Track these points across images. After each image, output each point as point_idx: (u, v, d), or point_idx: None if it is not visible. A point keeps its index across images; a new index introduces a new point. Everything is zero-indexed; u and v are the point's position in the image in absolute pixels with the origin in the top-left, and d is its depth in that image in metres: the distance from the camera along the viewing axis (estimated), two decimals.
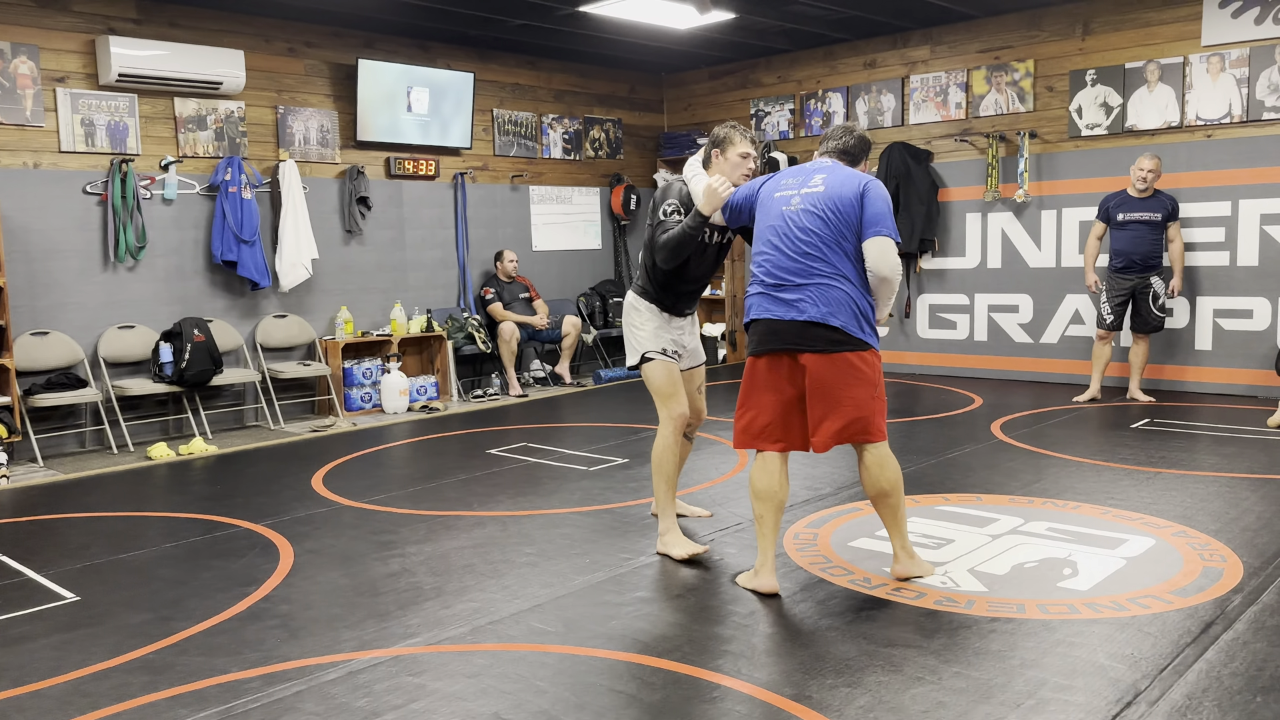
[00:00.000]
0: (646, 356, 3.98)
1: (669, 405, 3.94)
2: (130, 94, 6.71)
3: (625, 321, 4.08)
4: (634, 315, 4.04)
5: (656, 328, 4.00)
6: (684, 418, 3.96)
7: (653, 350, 3.98)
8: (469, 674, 2.91)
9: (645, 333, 4.00)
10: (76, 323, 6.52)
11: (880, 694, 2.71)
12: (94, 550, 4.23)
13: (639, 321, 4.02)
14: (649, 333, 3.99)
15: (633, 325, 4.03)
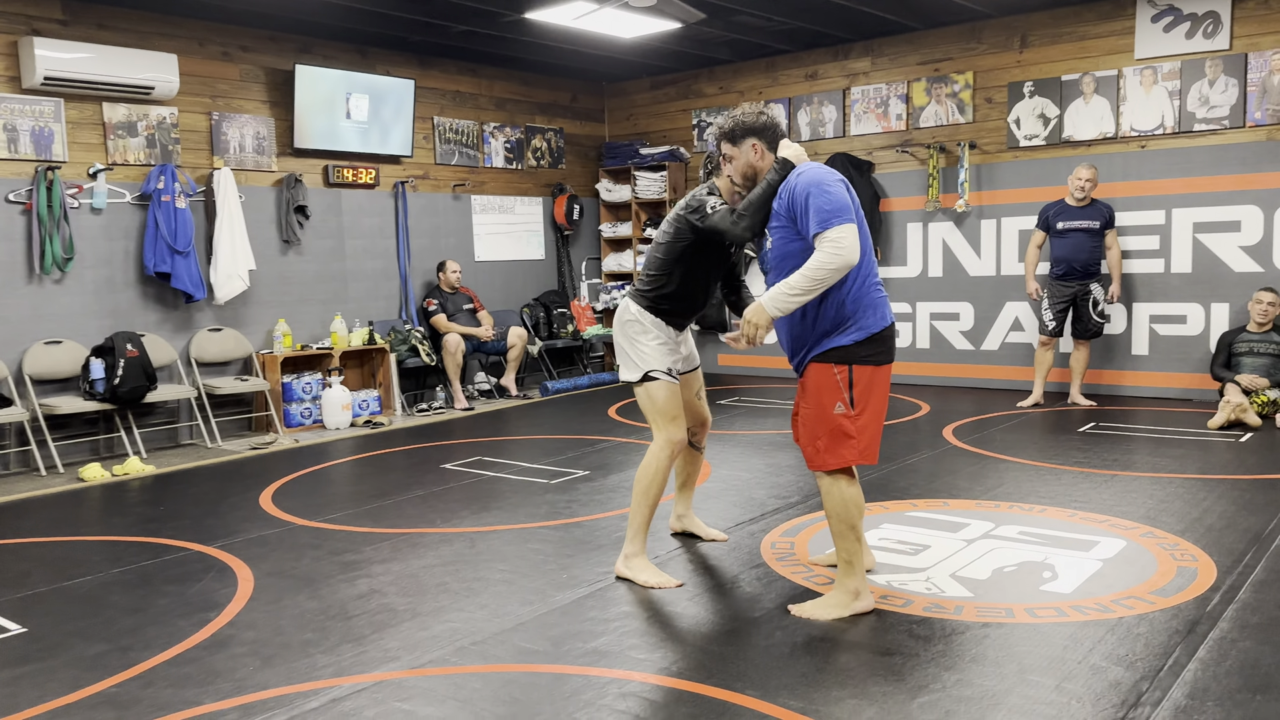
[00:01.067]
0: (650, 376, 3.73)
1: (669, 429, 3.72)
2: (56, 98, 6.39)
3: (623, 333, 3.80)
4: (635, 328, 3.77)
5: (662, 344, 3.76)
6: (683, 443, 3.79)
7: (658, 369, 3.73)
8: (460, 698, 2.78)
9: (649, 349, 3.75)
10: (0, 338, 6.17)
11: (887, 705, 2.67)
12: (35, 578, 3.97)
13: (642, 336, 3.76)
14: (653, 350, 3.75)
15: (634, 338, 3.77)
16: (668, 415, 3.73)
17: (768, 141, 3.34)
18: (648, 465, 3.72)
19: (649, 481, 3.71)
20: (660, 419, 3.73)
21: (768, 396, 8.15)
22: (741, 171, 3.39)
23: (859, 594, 3.29)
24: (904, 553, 3.95)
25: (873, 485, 5.03)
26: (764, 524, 4.42)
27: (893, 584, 3.59)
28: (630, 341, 3.78)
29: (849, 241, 3.04)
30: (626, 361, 3.81)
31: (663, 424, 3.72)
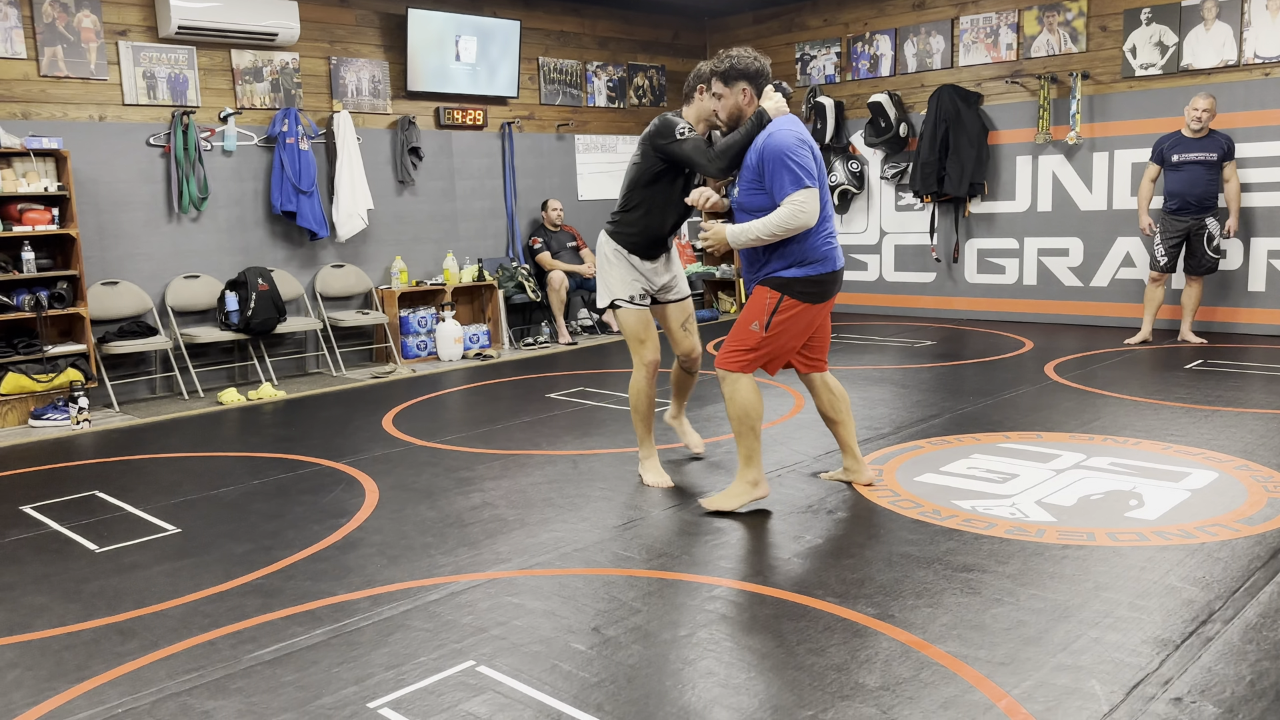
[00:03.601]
0: (615, 303, 4.07)
1: (640, 351, 4.07)
2: (189, 46, 6.81)
3: (598, 263, 4.14)
4: (603, 258, 4.09)
5: (625, 272, 4.04)
6: (655, 364, 4.09)
7: (621, 297, 4.05)
8: (564, 595, 3.06)
9: (615, 277, 4.05)
10: (145, 272, 6.70)
11: (961, 614, 2.83)
12: (186, 487, 4.42)
13: (608, 266, 4.07)
14: (618, 278, 4.05)
15: (603, 269, 4.09)
16: (636, 338, 4.07)
17: (757, 88, 3.61)
18: (631, 386, 4.17)
19: (633, 400, 4.18)
20: (630, 341, 4.10)
21: (865, 333, 8.20)
22: (729, 111, 3.62)
23: (757, 483, 3.74)
24: (992, 481, 4.05)
25: (967, 418, 5.11)
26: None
27: (977, 509, 3.71)
28: (601, 271, 4.11)
29: (810, 206, 3.44)
30: (600, 289, 4.14)
31: (634, 346, 4.09)
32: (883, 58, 9.05)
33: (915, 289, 9.14)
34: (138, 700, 2.50)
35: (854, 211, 9.43)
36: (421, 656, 2.67)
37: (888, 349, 7.37)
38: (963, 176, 8.40)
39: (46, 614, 3.07)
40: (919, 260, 9.06)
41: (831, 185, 9.31)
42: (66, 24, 6.33)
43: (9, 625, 3.00)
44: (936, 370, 6.50)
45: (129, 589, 3.24)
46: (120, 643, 2.84)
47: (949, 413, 5.25)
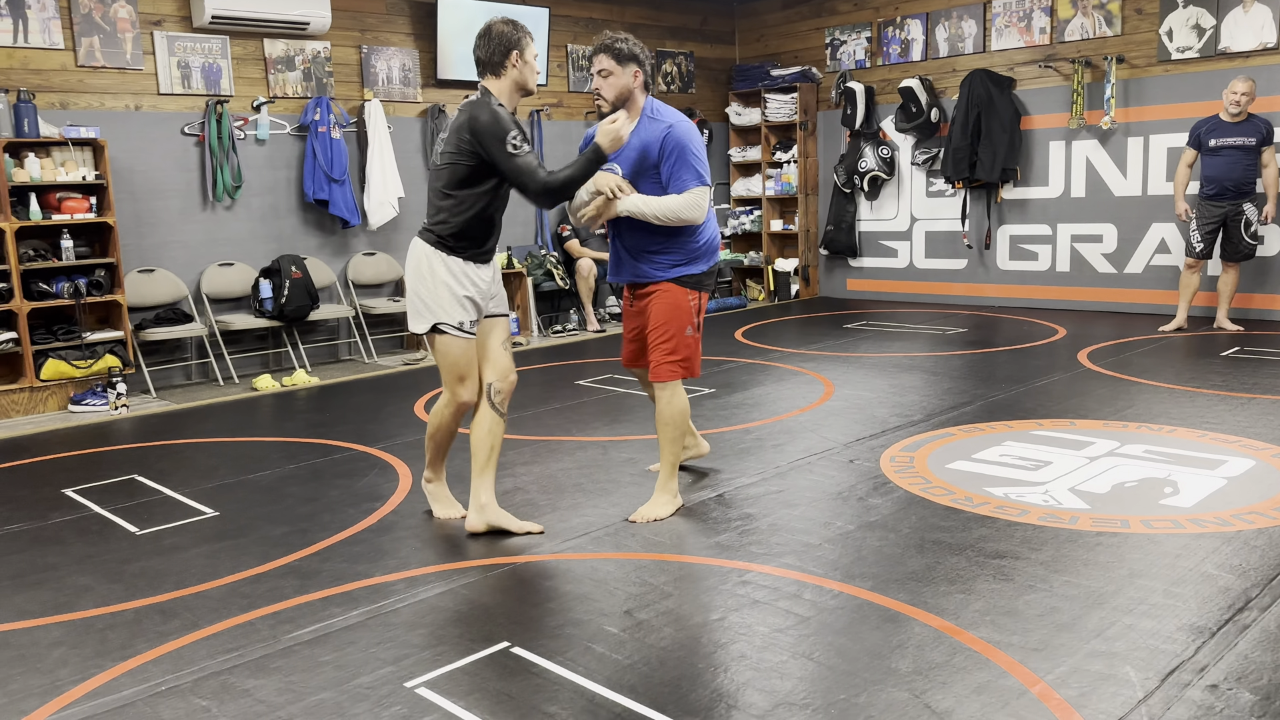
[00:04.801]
0: (439, 328, 3.32)
1: (458, 389, 3.39)
2: (223, 36, 6.88)
3: (415, 276, 3.34)
4: (426, 270, 3.32)
5: (455, 288, 3.32)
6: (469, 406, 3.45)
7: (448, 322, 3.32)
8: (595, 579, 3.08)
9: (444, 296, 3.31)
10: (180, 260, 6.79)
11: (994, 600, 2.82)
12: (222, 471, 4.49)
13: (434, 280, 3.30)
14: (448, 296, 3.31)
15: (425, 282, 3.31)
16: (457, 374, 3.37)
17: (646, 76, 3.54)
18: (433, 413, 3.53)
19: (432, 427, 3.54)
20: (450, 374, 3.38)
21: (896, 320, 8.16)
22: (617, 91, 3.49)
23: (677, 494, 3.71)
24: (1024, 468, 4.04)
25: (999, 405, 5.08)
26: (884, 439, 4.56)
27: (1009, 496, 3.70)
28: (422, 285, 3.33)
29: (705, 205, 3.50)
30: (416, 308, 3.35)
31: (450, 383, 3.39)
32: (914, 42, 8.97)
33: (946, 276, 9.07)
34: (180, 679, 2.55)
35: (884, 198, 9.37)
36: (456, 638, 2.71)
37: (918, 336, 7.33)
38: (995, 162, 8.32)
39: (90, 594, 3.14)
40: (950, 247, 9.00)
41: (861, 171, 9.25)
42: (103, 14, 6.40)
43: (55, 604, 3.07)
44: (968, 357, 6.46)
45: (169, 570, 3.30)
46: (162, 622, 2.90)
47: (981, 400, 5.23)
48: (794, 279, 9.83)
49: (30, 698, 2.49)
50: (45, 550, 3.55)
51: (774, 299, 9.81)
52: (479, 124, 3.22)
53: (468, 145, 3.25)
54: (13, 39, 6.09)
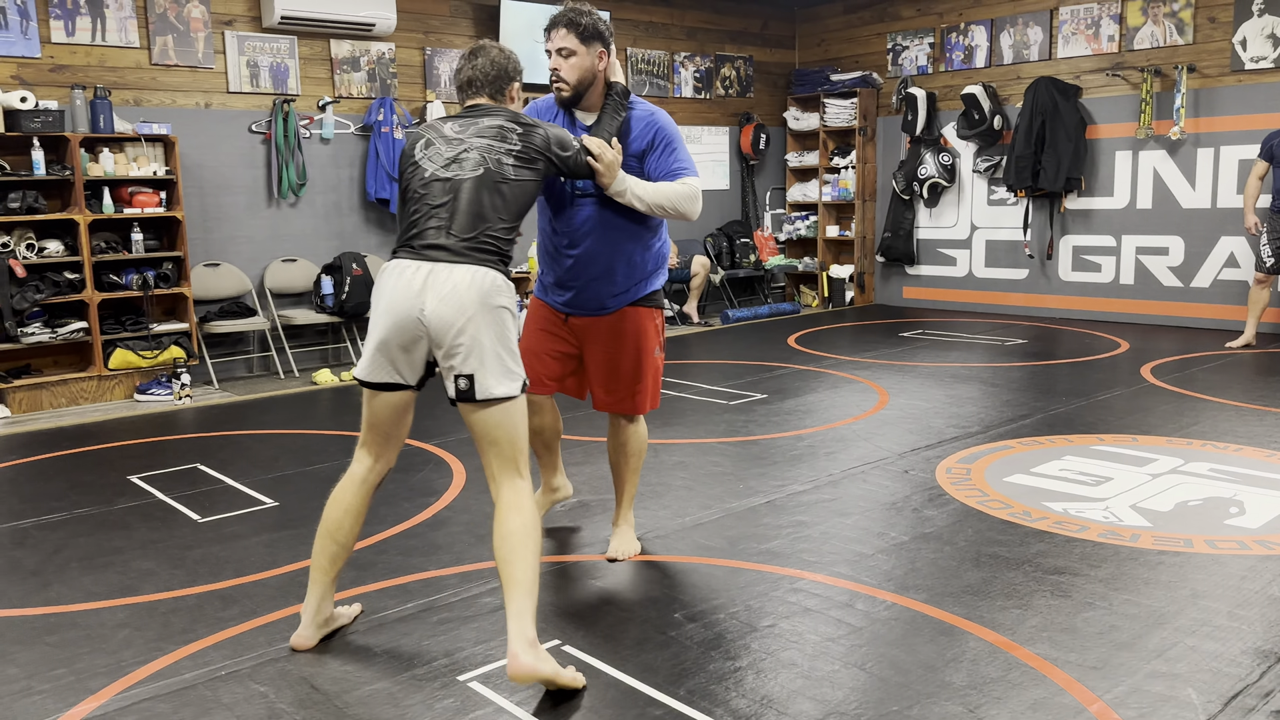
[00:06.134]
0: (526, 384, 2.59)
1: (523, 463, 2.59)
2: (291, 36, 7.02)
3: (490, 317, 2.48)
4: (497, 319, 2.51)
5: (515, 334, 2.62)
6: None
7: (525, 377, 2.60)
8: (645, 580, 3.09)
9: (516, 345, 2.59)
10: (244, 255, 6.94)
11: (1051, 616, 2.78)
12: (283, 462, 4.57)
13: (510, 326, 2.55)
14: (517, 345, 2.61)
15: (502, 333, 2.51)
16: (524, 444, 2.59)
17: (609, 54, 3.07)
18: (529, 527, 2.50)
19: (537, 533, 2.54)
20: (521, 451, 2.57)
21: (953, 330, 8.06)
22: (579, 75, 2.98)
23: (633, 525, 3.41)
24: (1084, 483, 3.96)
25: (1059, 419, 5.00)
26: (941, 450, 4.50)
27: (1069, 511, 3.64)
28: (504, 330, 2.52)
29: (699, 198, 3.08)
30: (505, 363, 2.51)
31: (522, 457, 2.58)
32: (977, 49, 8.86)
33: (1006, 286, 8.94)
34: (239, 664, 2.61)
35: (944, 205, 9.26)
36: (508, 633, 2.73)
37: (976, 346, 7.23)
38: (1059, 171, 8.18)
39: (153, 578, 3.22)
40: (1011, 256, 8.86)
41: (921, 178, 9.15)
42: (177, 14, 6.57)
43: (120, 587, 3.15)
44: (1027, 369, 6.36)
45: (230, 558, 3.38)
46: (222, 608, 2.97)
47: (1040, 413, 5.14)
48: (849, 285, 9.75)
49: (97, 676, 2.57)
50: (111, 534, 3.65)
51: (828, 305, 9.74)
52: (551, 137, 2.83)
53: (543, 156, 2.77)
54: (90, 37, 6.27)
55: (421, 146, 2.69)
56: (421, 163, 2.66)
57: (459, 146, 2.64)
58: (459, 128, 2.68)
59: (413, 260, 2.53)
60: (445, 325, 2.46)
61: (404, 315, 2.48)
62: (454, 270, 2.49)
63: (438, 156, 2.64)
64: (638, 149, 3.06)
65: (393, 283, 2.53)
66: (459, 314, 2.46)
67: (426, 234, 2.56)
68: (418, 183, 2.64)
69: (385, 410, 2.64)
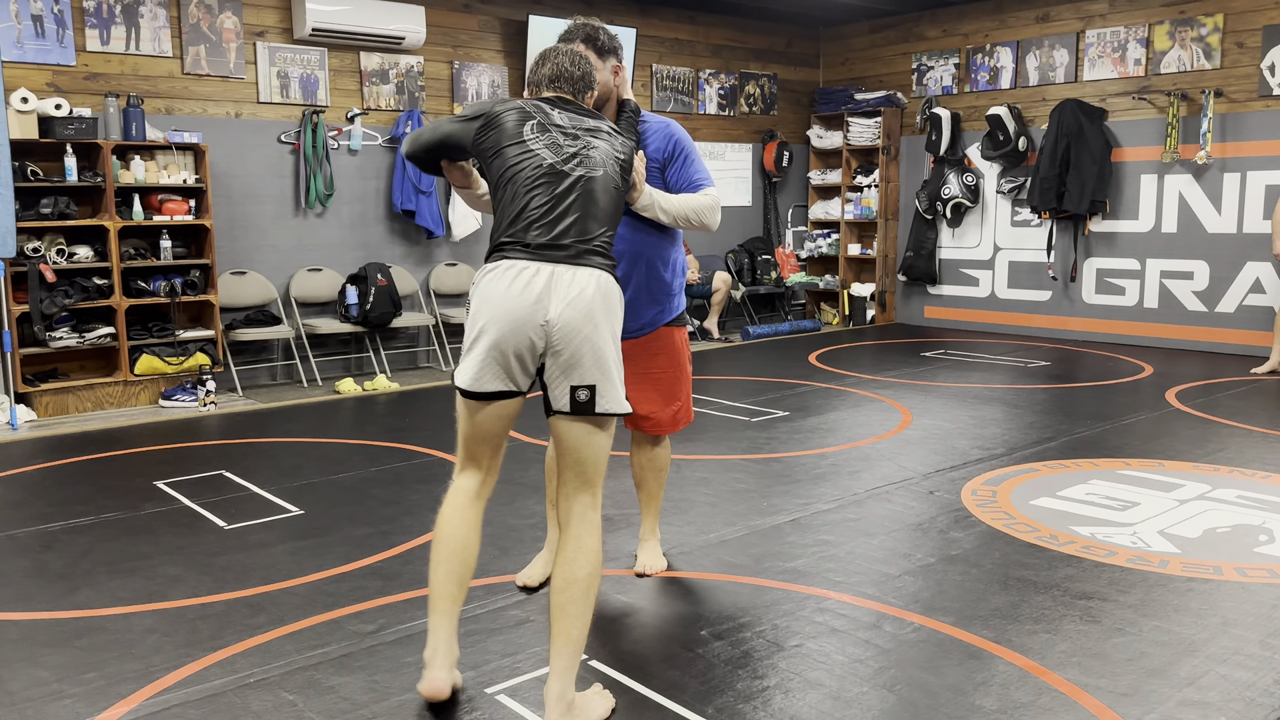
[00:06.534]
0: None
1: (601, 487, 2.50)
2: (321, 48, 7.09)
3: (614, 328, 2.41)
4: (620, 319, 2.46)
5: None
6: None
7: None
8: (670, 596, 3.09)
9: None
10: (271, 264, 6.99)
11: (1081, 642, 2.76)
12: (307, 471, 4.60)
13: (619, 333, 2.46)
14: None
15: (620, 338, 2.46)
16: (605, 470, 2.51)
17: (623, 69, 3.02)
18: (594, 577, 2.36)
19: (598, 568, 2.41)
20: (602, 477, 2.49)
21: (975, 350, 8.03)
22: (598, 86, 2.88)
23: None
24: (1111, 508, 3.94)
25: (1083, 443, 4.97)
26: (965, 472, 4.48)
27: (1096, 536, 3.61)
28: (620, 342, 2.45)
29: (719, 206, 3.02)
30: (618, 376, 2.42)
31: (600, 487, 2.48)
32: (1003, 70, 8.86)
33: (1029, 307, 8.90)
34: (268, 671, 2.62)
35: (967, 225, 9.25)
36: (535, 647, 2.73)
37: (999, 367, 7.20)
38: (1084, 193, 8.16)
39: (181, 585, 3.24)
40: (1034, 278, 8.83)
41: (944, 198, 9.14)
42: (210, 25, 6.65)
43: (148, 593, 3.17)
44: (1051, 391, 6.32)
45: (256, 565, 3.39)
46: (249, 616, 2.98)
47: (1064, 436, 5.12)
48: (870, 304, 9.74)
49: (126, 682, 2.58)
50: (138, 540, 3.67)
51: (849, 323, 9.73)
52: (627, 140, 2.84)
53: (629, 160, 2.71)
54: (125, 46, 6.35)
55: (534, 129, 2.46)
56: (536, 148, 2.43)
57: (579, 142, 2.47)
58: (568, 120, 2.51)
59: (528, 260, 2.35)
60: (571, 332, 2.31)
61: (524, 320, 2.30)
62: (577, 273, 2.35)
63: (556, 147, 2.44)
64: (658, 161, 3.05)
65: (507, 285, 2.33)
66: (586, 321, 2.32)
67: (544, 231, 2.36)
68: (531, 169, 2.41)
69: (494, 421, 2.44)
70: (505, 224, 2.42)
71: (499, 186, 2.46)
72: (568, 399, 2.36)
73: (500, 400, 2.41)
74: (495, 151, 2.47)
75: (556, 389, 2.37)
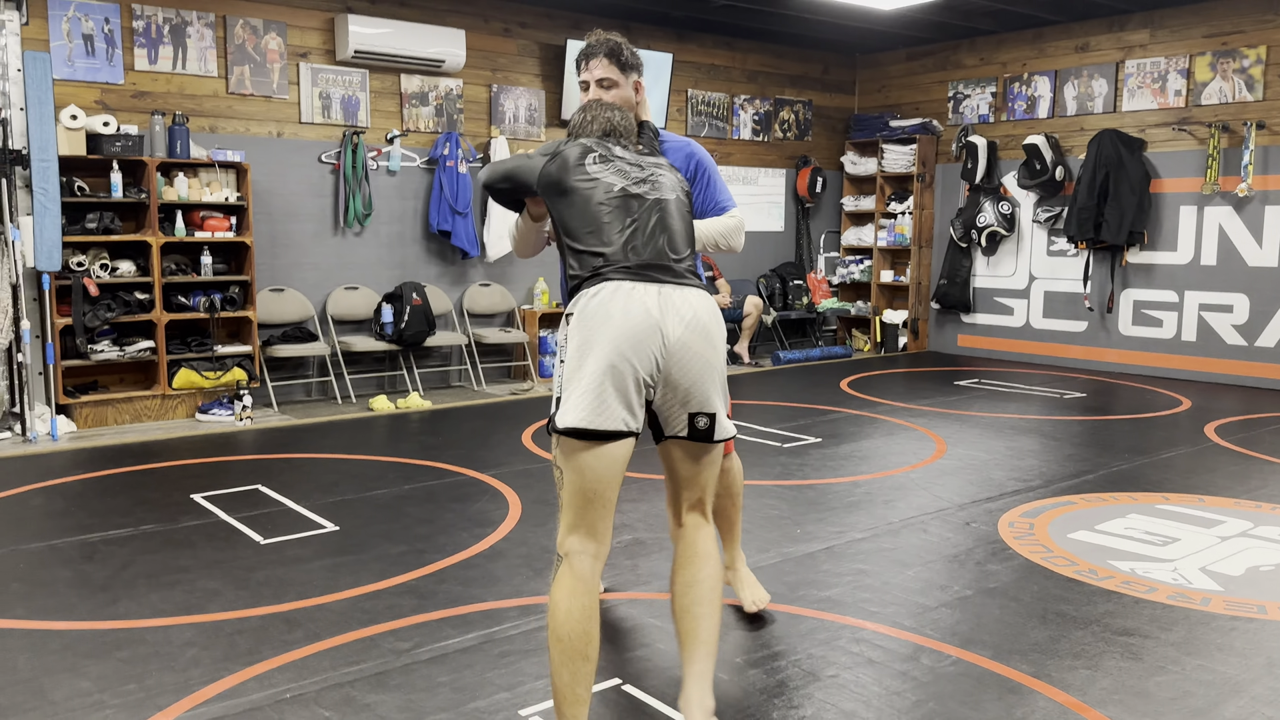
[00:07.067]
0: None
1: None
2: (363, 70, 7.19)
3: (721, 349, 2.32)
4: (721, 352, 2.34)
5: None
6: None
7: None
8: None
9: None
10: (309, 281, 7.07)
11: (1122, 679, 2.72)
12: (343, 487, 4.63)
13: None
14: None
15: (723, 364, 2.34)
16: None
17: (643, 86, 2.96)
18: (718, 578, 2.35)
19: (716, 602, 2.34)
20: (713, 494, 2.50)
21: (1009, 380, 7.96)
22: (621, 103, 2.84)
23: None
24: (1151, 543, 3.88)
25: (1123, 476, 4.91)
26: (1002, 504, 4.44)
27: (1136, 571, 3.56)
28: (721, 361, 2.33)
29: (744, 227, 2.96)
30: (728, 400, 2.45)
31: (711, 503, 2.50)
32: (1040, 99, 8.83)
33: (1064, 338, 8.83)
34: (304, 688, 2.63)
35: (1002, 254, 9.20)
36: None
37: (1034, 398, 7.13)
38: (1122, 224, 8.09)
39: (219, 599, 3.26)
40: (1070, 308, 8.76)
41: (980, 226, 9.10)
42: (255, 46, 6.77)
43: (186, 606, 3.20)
44: (1087, 424, 6.26)
45: (293, 580, 3.42)
46: (286, 631, 3.00)
47: (1102, 469, 5.05)
48: (902, 331, 9.69)
49: (165, 694, 2.60)
50: (177, 553, 3.71)
51: (880, 350, 9.69)
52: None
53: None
54: (172, 66, 6.48)
55: (596, 160, 2.37)
56: (599, 175, 2.34)
57: (645, 169, 2.40)
58: (628, 154, 2.43)
59: (635, 281, 2.21)
60: (691, 355, 2.19)
61: (645, 338, 2.15)
62: (685, 294, 2.23)
63: (622, 174, 2.36)
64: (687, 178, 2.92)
65: (622, 304, 2.17)
66: (705, 342, 2.21)
67: (638, 252, 2.25)
68: (602, 193, 2.32)
69: (611, 468, 2.20)
70: (588, 250, 2.29)
71: (566, 219, 2.35)
72: (685, 426, 2.27)
73: (620, 440, 2.19)
74: (560, 183, 2.37)
75: (672, 414, 2.26)
